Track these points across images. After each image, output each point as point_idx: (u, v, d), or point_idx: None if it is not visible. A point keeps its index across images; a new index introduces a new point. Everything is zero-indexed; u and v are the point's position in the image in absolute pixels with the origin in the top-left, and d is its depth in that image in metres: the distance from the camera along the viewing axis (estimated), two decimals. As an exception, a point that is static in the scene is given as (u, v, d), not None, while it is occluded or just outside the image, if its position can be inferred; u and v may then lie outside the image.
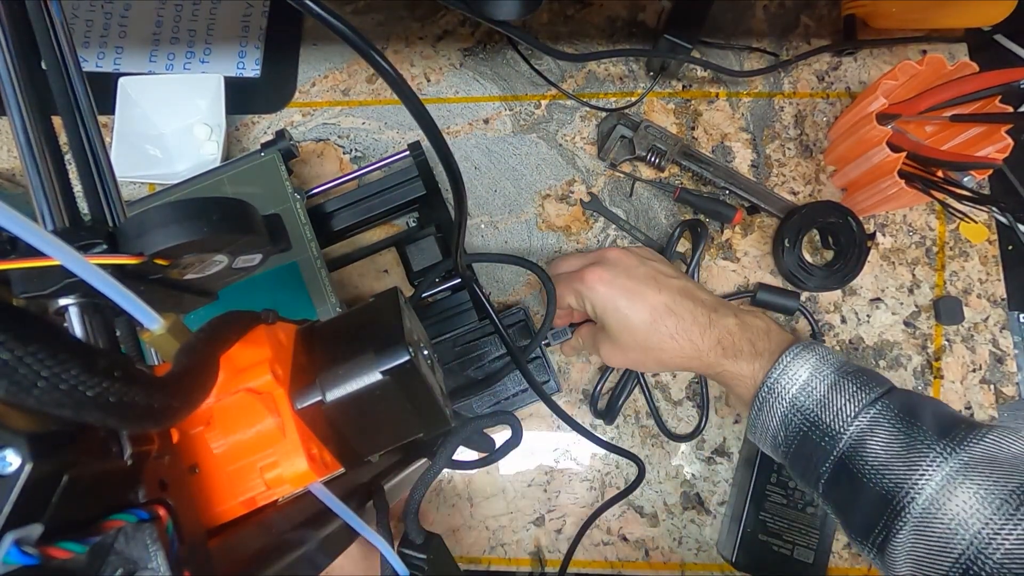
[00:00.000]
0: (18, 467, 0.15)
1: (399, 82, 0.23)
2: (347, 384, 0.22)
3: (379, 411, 0.23)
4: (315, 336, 0.24)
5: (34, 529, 0.15)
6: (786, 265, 0.50)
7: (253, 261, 0.24)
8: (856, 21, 0.55)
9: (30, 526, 0.15)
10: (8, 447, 0.15)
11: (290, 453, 0.21)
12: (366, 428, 0.24)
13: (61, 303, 0.20)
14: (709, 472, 0.49)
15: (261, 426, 0.21)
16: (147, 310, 0.18)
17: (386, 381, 0.22)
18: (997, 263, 0.51)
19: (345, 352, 0.23)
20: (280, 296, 0.45)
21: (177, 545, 0.17)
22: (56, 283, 0.20)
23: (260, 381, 0.21)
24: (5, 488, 0.15)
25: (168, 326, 0.19)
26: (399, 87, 0.23)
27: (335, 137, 0.56)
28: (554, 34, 0.58)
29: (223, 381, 0.21)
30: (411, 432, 0.25)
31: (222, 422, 0.21)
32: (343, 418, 0.22)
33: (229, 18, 0.59)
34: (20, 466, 0.15)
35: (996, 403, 0.49)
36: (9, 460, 0.15)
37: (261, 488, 0.21)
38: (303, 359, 0.23)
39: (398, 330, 0.23)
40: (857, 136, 0.47)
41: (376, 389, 0.22)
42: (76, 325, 0.20)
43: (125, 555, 0.17)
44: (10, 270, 0.19)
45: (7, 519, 0.15)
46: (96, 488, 0.17)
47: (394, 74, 0.22)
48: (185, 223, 0.21)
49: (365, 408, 0.23)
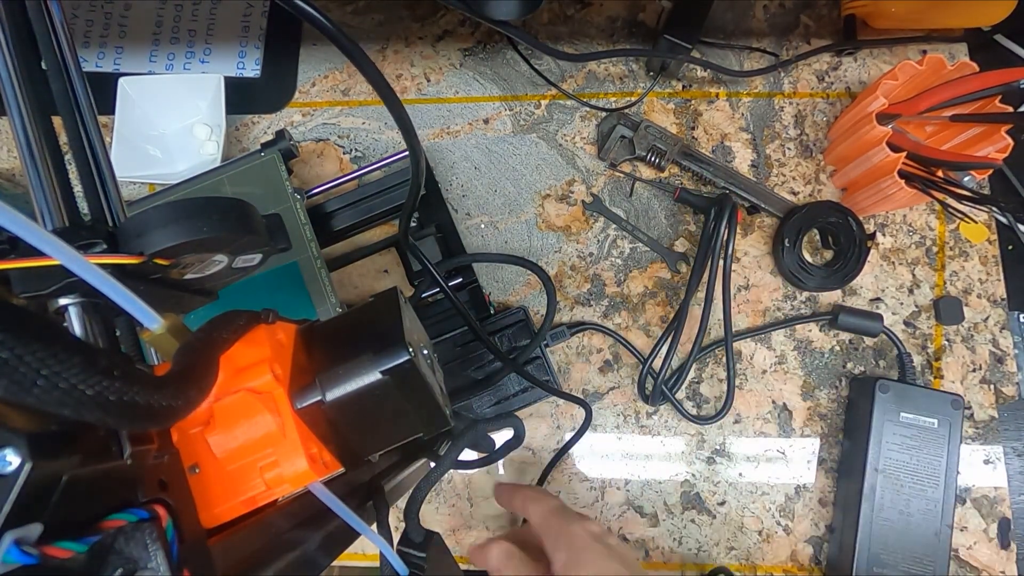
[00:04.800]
0: (18, 466, 0.15)
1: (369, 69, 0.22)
2: (347, 384, 0.22)
3: (379, 411, 0.23)
4: (315, 336, 0.24)
5: (34, 529, 0.15)
6: (786, 265, 0.50)
7: (253, 261, 0.24)
8: (856, 21, 0.55)
9: (30, 526, 0.15)
10: (8, 446, 0.15)
11: (290, 453, 0.21)
12: (366, 428, 0.24)
13: (61, 302, 0.20)
14: (709, 472, 0.49)
15: (261, 426, 0.21)
16: (147, 310, 0.18)
17: (386, 381, 0.22)
18: (997, 263, 0.51)
19: (345, 352, 0.23)
20: (280, 296, 0.45)
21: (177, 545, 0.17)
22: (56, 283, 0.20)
23: (260, 381, 0.21)
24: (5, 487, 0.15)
25: (168, 326, 0.19)
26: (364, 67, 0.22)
27: (335, 137, 0.56)
28: (554, 34, 0.58)
29: (223, 380, 0.21)
30: (411, 432, 0.25)
31: (222, 422, 0.21)
32: (343, 418, 0.22)
33: (229, 18, 0.59)
34: (20, 466, 0.15)
35: (996, 403, 0.49)
36: (9, 459, 0.15)
37: (261, 488, 0.21)
38: (303, 359, 0.23)
39: (398, 330, 0.23)
40: (857, 136, 0.47)
41: (376, 389, 0.22)
42: (76, 324, 0.20)
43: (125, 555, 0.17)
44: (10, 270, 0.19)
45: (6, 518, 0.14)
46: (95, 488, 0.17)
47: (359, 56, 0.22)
48: (185, 223, 0.21)
49: (365, 408, 0.23)
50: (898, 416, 0.45)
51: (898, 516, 0.44)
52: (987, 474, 0.48)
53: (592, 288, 0.52)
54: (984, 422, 0.49)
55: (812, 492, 0.49)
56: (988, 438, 0.48)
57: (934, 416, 0.45)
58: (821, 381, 0.50)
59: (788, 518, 0.49)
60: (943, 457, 0.45)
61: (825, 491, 0.49)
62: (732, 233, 0.47)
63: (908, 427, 0.45)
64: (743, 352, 0.51)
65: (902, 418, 0.45)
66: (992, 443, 0.48)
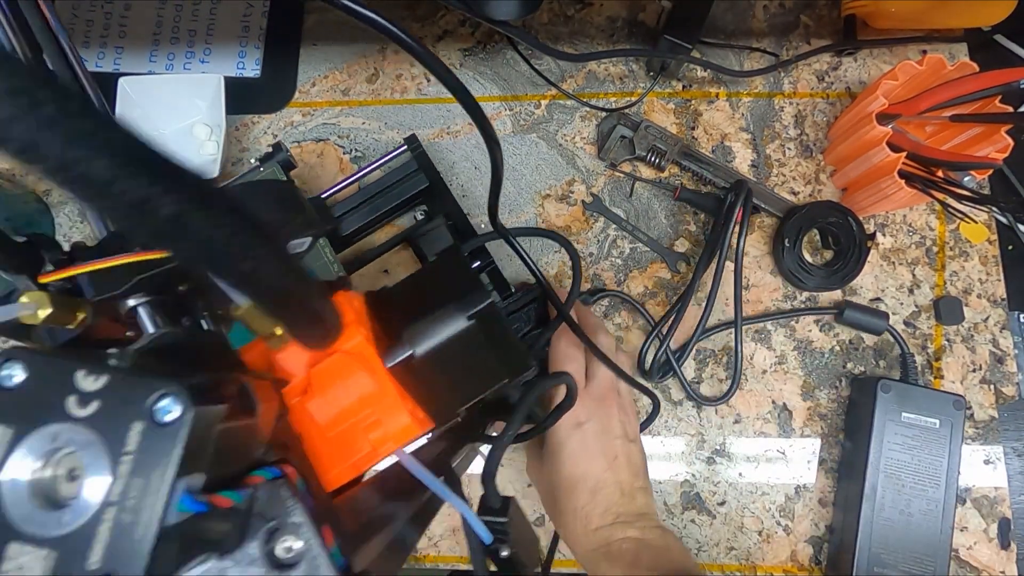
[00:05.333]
0: (180, 415, 0.15)
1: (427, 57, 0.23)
2: (435, 335, 0.23)
3: (466, 358, 0.24)
4: (385, 300, 0.26)
5: (198, 478, 0.16)
6: (786, 265, 0.50)
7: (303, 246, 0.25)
8: (856, 21, 0.55)
9: (195, 475, 0.16)
10: (168, 395, 0.15)
11: (391, 410, 0.22)
12: (455, 378, 0.25)
13: (131, 303, 0.21)
14: (709, 472, 0.49)
15: (359, 386, 0.22)
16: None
17: (472, 326, 0.23)
18: (997, 263, 0.51)
19: (424, 307, 0.24)
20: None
21: (311, 500, 0.18)
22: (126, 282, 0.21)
23: (352, 343, 0.22)
24: (171, 437, 0.16)
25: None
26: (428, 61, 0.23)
27: (335, 137, 0.56)
28: (554, 34, 0.58)
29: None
30: (497, 378, 0.26)
31: (320, 387, 0.21)
32: (433, 370, 0.23)
33: (229, 18, 0.59)
34: (182, 414, 0.15)
35: (996, 403, 0.49)
36: (172, 408, 0.15)
37: (367, 449, 0.22)
38: (377, 323, 0.24)
39: (474, 277, 0.24)
40: (857, 136, 0.47)
41: (463, 335, 0.23)
42: (146, 322, 0.21)
43: (265, 511, 0.17)
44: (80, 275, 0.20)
45: (178, 467, 0.15)
46: (237, 443, 0.17)
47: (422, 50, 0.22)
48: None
49: (453, 357, 0.24)
50: (900, 416, 0.45)
51: (899, 516, 0.44)
52: (987, 474, 0.48)
53: (592, 288, 0.52)
54: (984, 422, 0.49)
55: (812, 492, 0.49)
56: (988, 438, 0.48)
57: (936, 416, 0.45)
58: (821, 381, 0.50)
59: (788, 518, 0.49)
60: (944, 457, 0.45)
61: (825, 491, 0.49)
62: (747, 215, 0.47)
63: (910, 427, 0.45)
64: (743, 352, 0.51)
65: (904, 418, 0.45)
66: (992, 443, 0.48)
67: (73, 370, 0.16)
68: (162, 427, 0.16)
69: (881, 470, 0.45)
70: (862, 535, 0.44)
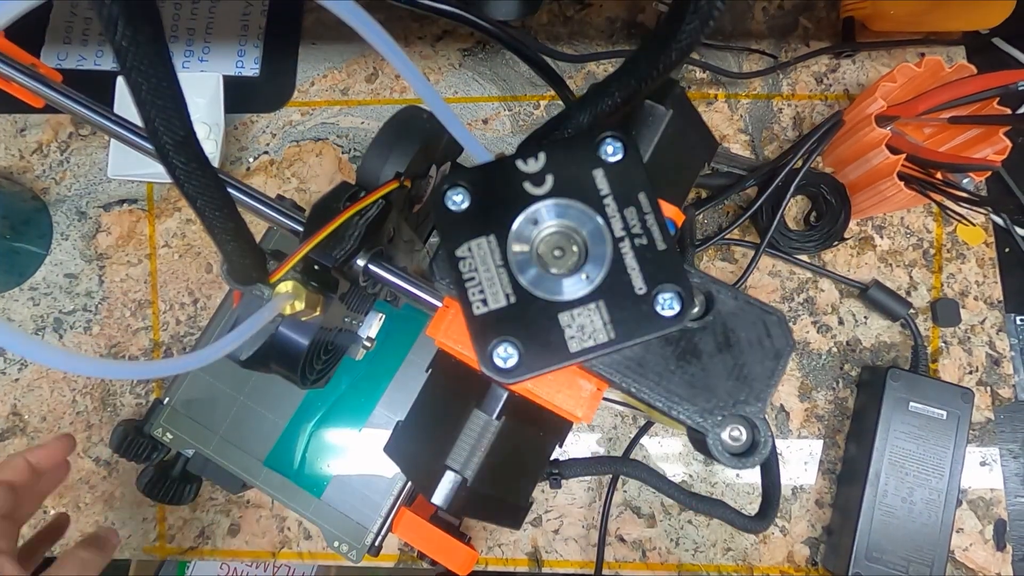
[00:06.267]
0: (623, 149, 0.21)
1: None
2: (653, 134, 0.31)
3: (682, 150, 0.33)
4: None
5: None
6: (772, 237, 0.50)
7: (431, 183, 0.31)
8: (855, 23, 0.55)
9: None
10: (608, 137, 0.21)
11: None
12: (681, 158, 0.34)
13: (359, 263, 0.27)
14: (707, 473, 0.50)
15: None
16: (476, 142, 0.24)
17: (672, 114, 0.31)
18: (994, 265, 0.51)
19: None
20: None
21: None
22: (354, 240, 0.26)
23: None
24: (629, 164, 0.20)
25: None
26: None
27: (334, 136, 0.56)
28: (553, 35, 0.58)
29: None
30: (701, 163, 0.33)
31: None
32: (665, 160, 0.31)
33: (228, 17, 0.58)
34: (625, 148, 0.21)
35: (992, 405, 0.49)
36: (616, 147, 0.21)
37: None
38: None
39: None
40: (856, 138, 0.47)
41: (670, 128, 0.31)
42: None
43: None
44: (310, 249, 0.25)
45: (650, 183, 0.20)
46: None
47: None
48: (404, 139, 0.27)
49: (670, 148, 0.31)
50: (907, 405, 0.45)
51: (900, 504, 0.44)
52: (983, 476, 0.48)
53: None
54: (980, 424, 0.49)
55: (809, 493, 0.49)
56: (984, 440, 0.49)
57: (943, 408, 0.45)
58: (818, 383, 0.50)
59: (785, 519, 0.49)
60: (949, 449, 0.44)
61: (822, 492, 0.49)
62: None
63: (916, 417, 0.45)
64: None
65: (911, 407, 0.45)
66: (988, 445, 0.49)
67: (511, 161, 0.20)
68: (615, 164, 0.20)
69: (886, 457, 0.45)
70: (863, 520, 0.44)
